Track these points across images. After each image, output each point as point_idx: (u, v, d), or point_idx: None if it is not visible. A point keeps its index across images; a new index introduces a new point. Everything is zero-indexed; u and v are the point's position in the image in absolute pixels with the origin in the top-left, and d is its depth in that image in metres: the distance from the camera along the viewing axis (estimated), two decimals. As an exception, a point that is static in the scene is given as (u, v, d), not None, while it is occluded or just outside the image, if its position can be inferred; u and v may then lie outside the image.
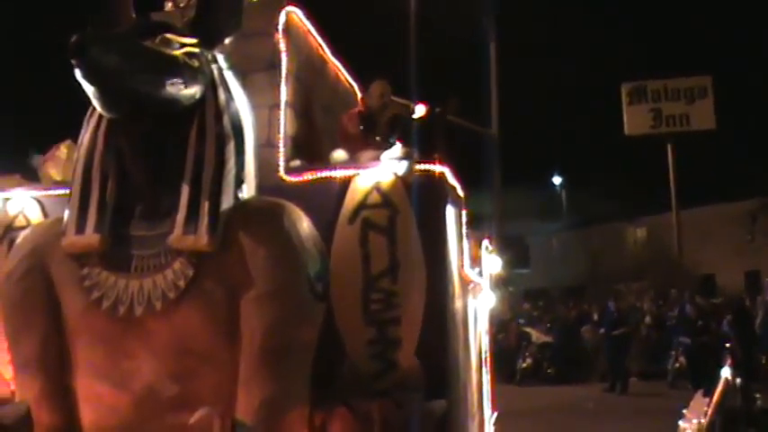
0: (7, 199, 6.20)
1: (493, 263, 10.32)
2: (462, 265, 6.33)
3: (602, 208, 42.04)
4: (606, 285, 34.08)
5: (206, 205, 4.75)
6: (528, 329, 22.85)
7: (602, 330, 20.51)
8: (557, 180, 48.69)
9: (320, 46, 6.65)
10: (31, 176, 6.48)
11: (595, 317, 23.11)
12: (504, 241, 24.81)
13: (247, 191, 5.03)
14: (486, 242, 9.47)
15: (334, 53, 6.92)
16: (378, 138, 6.43)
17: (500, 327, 21.67)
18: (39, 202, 6.12)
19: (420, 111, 14.03)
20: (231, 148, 4.93)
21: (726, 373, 9.68)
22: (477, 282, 7.81)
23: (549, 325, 23.56)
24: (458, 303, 6.04)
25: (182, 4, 6.13)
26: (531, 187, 41.47)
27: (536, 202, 44.14)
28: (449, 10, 21.65)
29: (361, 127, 6.49)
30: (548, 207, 46.96)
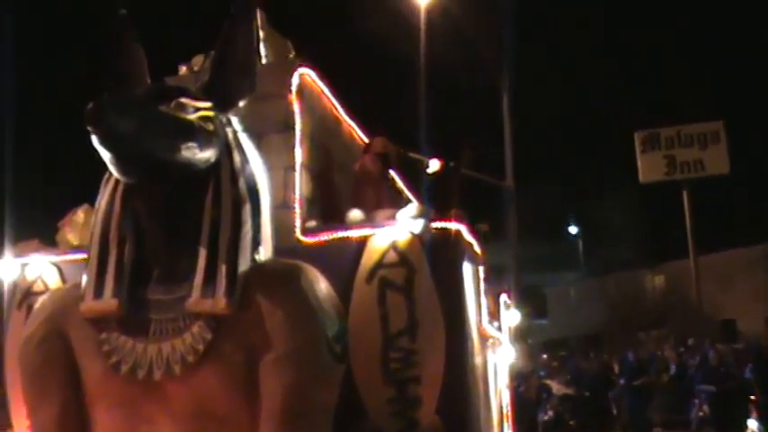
0: (25, 264, 6.22)
1: (511, 317, 10.29)
2: (481, 321, 6.31)
3: (620, 256, 41.96)
4: (626, 333, 33.92)
5: (223, 268, 4.73)
6: (548, 381, 22.64)
7: (622, 381, 20.30)
8: (573, 230, 48.62)
9: (334, 106, 6.69)
10: (49, 241, 6.51)
11: (616, 367, 22.90)
12: (522, 292, 24.76)
13: (264, 253, 5.01)
14: (504, 296, 9.44)
15: (348, 112, 6.96)
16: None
17: (520, 379, 21.48)
18: (57, 267, 6.15)
19: (434, 165, 14.09)
20: (247, 210, 4.92)
21: (753, 425, 9.59)
22: (497, 336, 7.78)
23: (569, 376, 23.35)
24: (477, 360, 6.02)
25: (196, 68, 6.21)
26: (547, 237, 41.47)
27: (553, 251, 44.14)
28: (461, 63, 21.81)
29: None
30: (564, 257, 46.89)
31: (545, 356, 30.42)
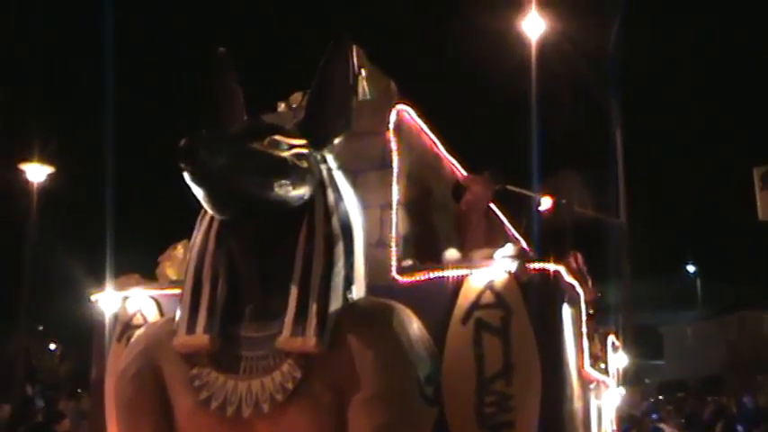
0: (126, 298, 6.32)
1: (620, 358, 10.02)
2: (582, 365, 6.12)
3: (739, 295, 40.72)
4: (746, 376, 32.76)
5: (314, 307, 4.69)
6: (661, 425, 21.96)
7: (739, 428, 19.55)
8: (690, 268, 47.41)
9: (434, 143, 6.63)
10: (150, 276, 6.60)
11: (735, 411, 22.09)
12: (637, 332, 24.17)
13: (357, 291, 4.96)
14: (611, 338, 9.19)
15: (450, 150, 6.88)
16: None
17: (632, 423, 20.93)
18: (155, 300, 6.23)
19: (546, 203, 13.90)
20: (340, 248, 4.88)
21: None
22: (602, 380, 7.55)
23: (683, 420, 22.64)
24: (577, 405, 5.83)
25: (294, 105, 6.23)
26: (663, 276, 40.51)
27: (669, 290, 43.08)
28: (570, 99, 21.54)
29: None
30: (682, 295, 45.73)
31: (660, 398, 29.60)
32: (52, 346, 36.95)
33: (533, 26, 18.33)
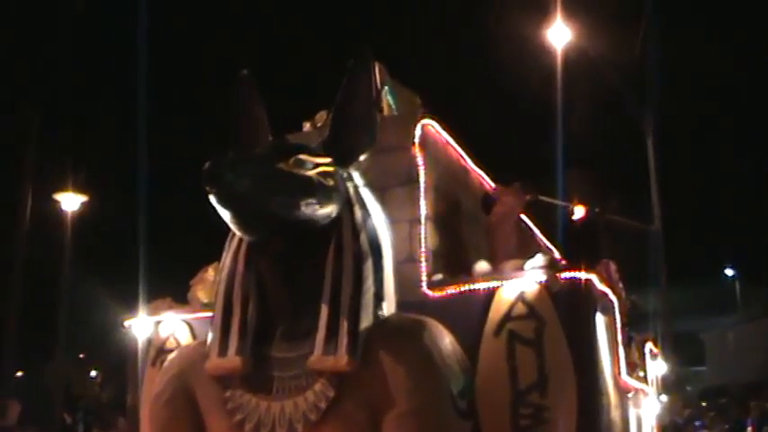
0: (159, 322, 6.35)
1: (658, 366, 9.92)
2: (619, 373, 6.06)
3: (780, 298, 40.27)
4: (788, 379, 32.34)
5: (345, 325, 4.68)
6: (705, 432, 21.77)
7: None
8: (729, 272, 46.91)
9: (461, 156, 6.61)
10: (182, 299, 6.63)
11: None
12: (677, 339, 23.95)
13: (387, 308, 4.95)
14: (649, 345, 9.10)
15: (477, 162, 6.86)
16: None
17: (675, 431, 20.72)
18: (188, 324, 6.25)
19: (579, 212, 13.81)
20: (369, 265, 4.87)
21: None
22: (640, 388, 7.47)
23: (727, 426, 22.37)
24: (614, 414, 5.77)
25: (319, 124, 6.24)
26: (702, 281, 40.13)
27: (708, 296, 42.67)
28: (599, 103, 21.42)
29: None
30: (721, 300, 45.25)
31: (703, 405, 29.28)
32: (93, 374, 37.22)
33: (559, 35, 18.28)
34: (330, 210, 4.84)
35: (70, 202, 20.92)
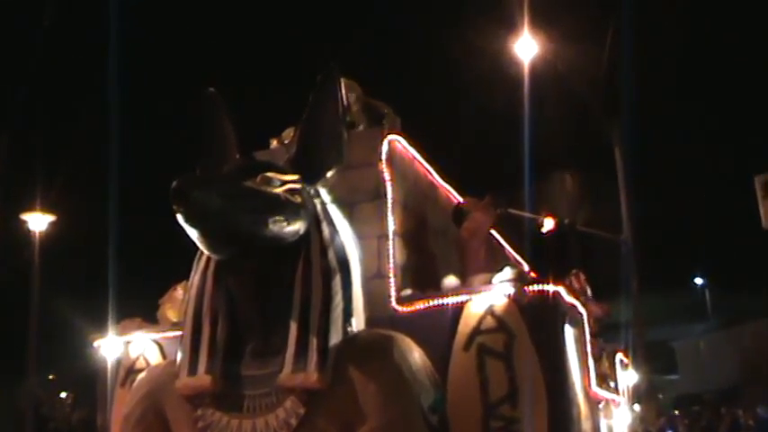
0: (128, 342, 6.31)
1: (630, 376, 9.97)
2: (589, 385, 6.09)
3: (749, 304, 40.49)
4: (763, 386, 32.53)
5: (314, 342, 4.69)
6: (678, 440, 21.88)
7: (755, 440, 19.43)
8: (698, 281, 47.21)
9: (428, 171, 6.63)
10: (151, 319, 6.60)
11: (751, 423, 21.93)
12: (648, 348, 24.03)
13: (356, 324, 4.97)
14: (619, 356, 9.15)
15: (443, 176, 6.88)
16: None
17: (648, 439, 20.80)
18: (157, 344, 6.22)
19: (548, 224, 13.83)
20: (338, 281, 4.89)
21: None
22: (611, 398, 7.50)
23: (699, 435, 22.51)
24: (585, 425, 5.79)
25: (286, 141, 6.24)
26: (672, 290, 40.31)
27: (679, 304, 42.88)
28: (568, 114, 21.50)
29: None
30: (691, 309, 45.52)
31: (676, 413, 29.43)
32: (63, 395, 36.85)
33: (526, 47, 18.37)
34: (298, 227, 4.85)
35: (38, 221, 20.75)
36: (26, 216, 20.70)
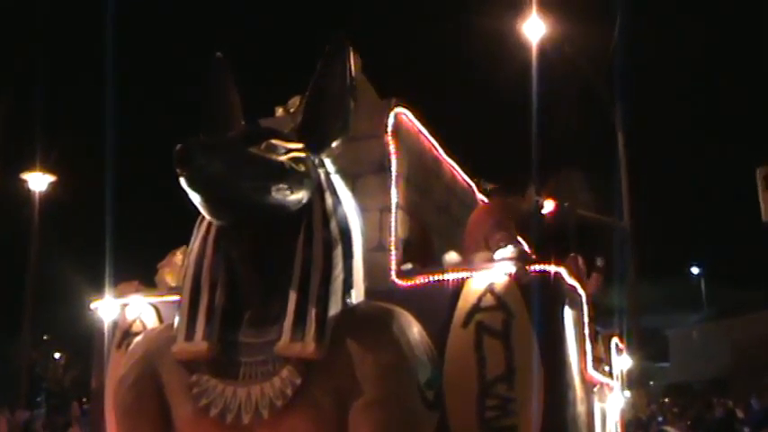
0: (125, 305, 6.29)
1: (623, 361, 9.98)
2: (585, 368, 6.08)
3: (745, 297, 40.60)
4: (753, 378, 32.65)
5: (313, 312, 4.65)
6: (667, 428, 21.91)
7: (746, 430, 19.46)
8: (695, 270, 47.30)
9: (433, 146, 6.59)
10: (149, 283, 6.58)
11: (740, 414, 21.99)
12: (642, 335, 24.10)
13: (356, 296, 4.92)
14: (615, 340, 9.16)
15: (449, 153, 6.84)
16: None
17: (638, 426, 20.86)
18: (155, 307, 6.20)
19: (549, 206, 13.79)
20: (339, 252, 4.84)
21: None
22: (606, 382, 7.50)
23: (689, 422, 22.56)
24: (580, 408, 5.78)
25: (292, 110, 6.19)
26: (668, 279, 40.39)
27: (674, 293, 42.98)
28: (571, 101, 21.47)
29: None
30: (686, 298, 45.64)
31: (667, 401, 29.52)
32: (57, 356, 36.96)
33: (534, 29, 18.31)
34: (301, 195, 4.81)
35: (38, 181, 20.72)
36: (26, 175, 20.68)
